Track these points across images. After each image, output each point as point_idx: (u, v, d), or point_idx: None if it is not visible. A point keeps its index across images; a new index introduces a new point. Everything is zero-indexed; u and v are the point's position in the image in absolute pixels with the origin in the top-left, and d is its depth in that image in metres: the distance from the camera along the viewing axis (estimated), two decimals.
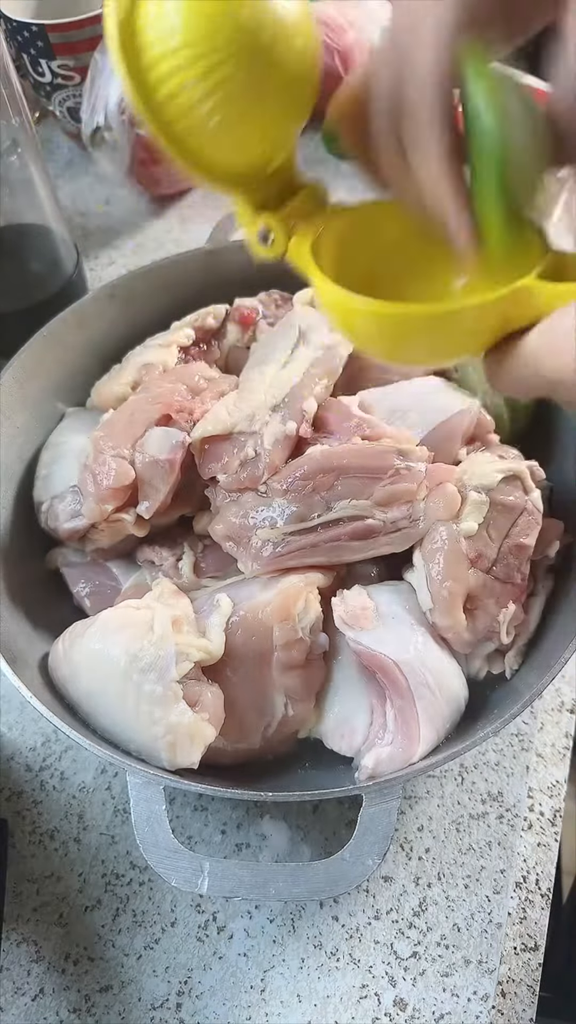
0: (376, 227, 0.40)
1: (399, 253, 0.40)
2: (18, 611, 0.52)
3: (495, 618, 0.48)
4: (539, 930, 0.49)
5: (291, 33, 0.34)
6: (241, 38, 0.33)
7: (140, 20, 0.33)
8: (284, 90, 0.35)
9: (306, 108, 0.38)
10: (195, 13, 0.32)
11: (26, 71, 0.83)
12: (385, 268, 0.39)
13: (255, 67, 0.33)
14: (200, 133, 0.35)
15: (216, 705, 0.45)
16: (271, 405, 0.52)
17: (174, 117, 0.34)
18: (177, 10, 0.32)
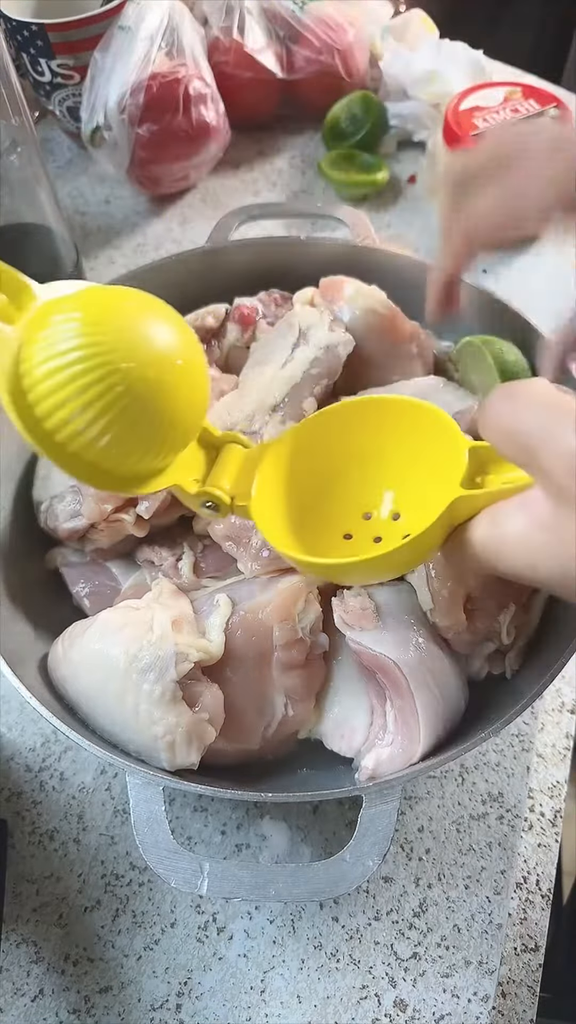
0: (306, 449, 0.45)
1: (326, 467, 0.45)
2: (18, 611, 0.52)
3: (495, 618, 0.48)
4: (539, 931, 0.49)
5: (179, 368, 0.36)
6: (127, 372, 0.34)
7: (26, 361, 0.34)
8: (172, 415, 0.37)
9: (196, 423, 0.40)
10: (84, 346, 0.33)
11: (26, 71, 0.83)
12: (319, 480, 0.45)
13: (139, 396, 0.34)
14: (92, 451, 0.36)
15: (216, 705, 0.45)
16: (271, 405, 0.52)
17: (65, 440, 0.36)
18: (67, 339, 0.34)
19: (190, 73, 0.81)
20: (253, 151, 0.96)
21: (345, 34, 0.89)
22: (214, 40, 0.89)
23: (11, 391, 0.34)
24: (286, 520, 0.43)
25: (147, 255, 0.86)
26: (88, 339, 0.33)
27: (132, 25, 0.79)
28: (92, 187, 0.93)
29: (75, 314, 0.34)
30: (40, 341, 0.34)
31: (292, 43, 0.90)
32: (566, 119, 0.78)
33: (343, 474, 0.45)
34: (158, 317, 0.37)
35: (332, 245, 0.65)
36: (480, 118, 0.79)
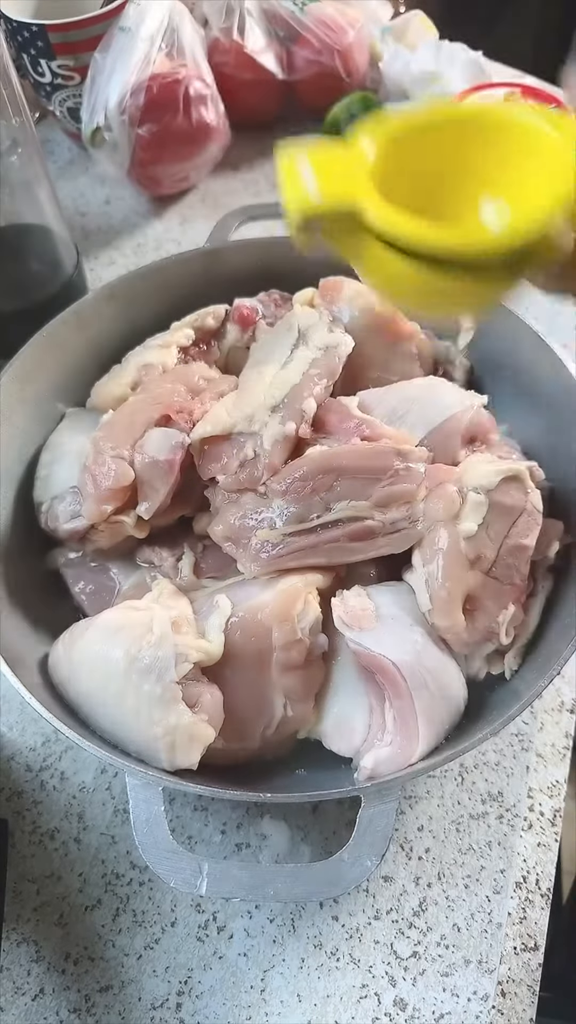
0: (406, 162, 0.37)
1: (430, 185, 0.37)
2: (18, 611, 0.52)
3: (494, 619, 0.48)
4: (539, 930, 0.49)
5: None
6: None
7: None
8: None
9: None
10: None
11: (26, 71, 0.84)
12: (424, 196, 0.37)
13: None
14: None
15: (215, 706, 0.45)
16: (270, 406, 0.52)
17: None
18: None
19: (190, 74, 0.81)
20: (253, 152, 0.96)
21: (345, 35, 0.89)
22: (214, 41, 0.89)
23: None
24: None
25: (147, 255, 0.86)
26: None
27: (132, 26, 0.79)
28: (92, 188, 0.93)
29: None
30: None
31: (292, 44, 0.90)
32: None
33: (451, 186, 0.38)
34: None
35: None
36: None
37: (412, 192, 0.36)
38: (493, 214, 0.36)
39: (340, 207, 0.34)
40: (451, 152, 0.37)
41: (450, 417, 0.54)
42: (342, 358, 0.56)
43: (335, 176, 0.35)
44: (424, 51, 0.89)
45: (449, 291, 0.35)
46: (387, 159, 0.36)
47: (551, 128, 0.35)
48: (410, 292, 0.36)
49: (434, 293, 0.35)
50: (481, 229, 0.35)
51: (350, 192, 0.34)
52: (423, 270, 0.33)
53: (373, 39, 0.95)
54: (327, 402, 0.54)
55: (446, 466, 0.52)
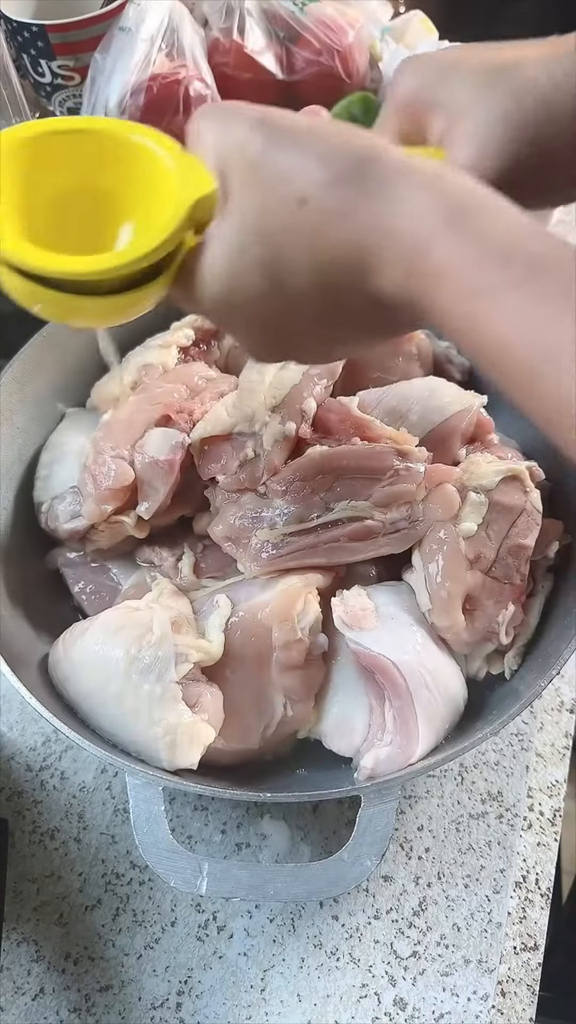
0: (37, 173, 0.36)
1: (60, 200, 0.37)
2: (18, 611, 0.52)
3: (494, 619, 0.48)
4: (539, 930, 0.49)
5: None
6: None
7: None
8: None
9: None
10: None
11: (26, 71, 0.83)
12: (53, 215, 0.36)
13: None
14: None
15: (215, 706, 0.45)
16: (271, 406, 0.52)
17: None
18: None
19: (190, 74, 0.81)
20: None
21: (345, 35, 0.89)
22: (214, 41, 0.89)
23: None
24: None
25: None
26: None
27: (132, 26, 0.79)
28: None
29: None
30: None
31: (292, 44, 0.90)
32: None
33: (78, 210, 0.38)
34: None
35: None
36: None
37: (44, 207, 0.36)
38: (124, 234, 0.37)
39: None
40: (84, 167, 0.37)
41: (450, 417, 0.54)
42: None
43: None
44: (424, 51, 0.89)
45: (79, 308, 0.35)
46: (25, 160, 0.36)
47: (165, 154, 0.37)
48: (38, 306, 0.36)
49: (61, 308, 0.35)
50: (105, 254, 0.35)
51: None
52: (38, 288, 0.34)
53: (373, 39, 0.95)
54: (327, 402, 0.54)
55: (446, 466, 0.52)
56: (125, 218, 0.37)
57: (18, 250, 0.33)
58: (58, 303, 0.34)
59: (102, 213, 0.37)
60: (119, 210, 0.37)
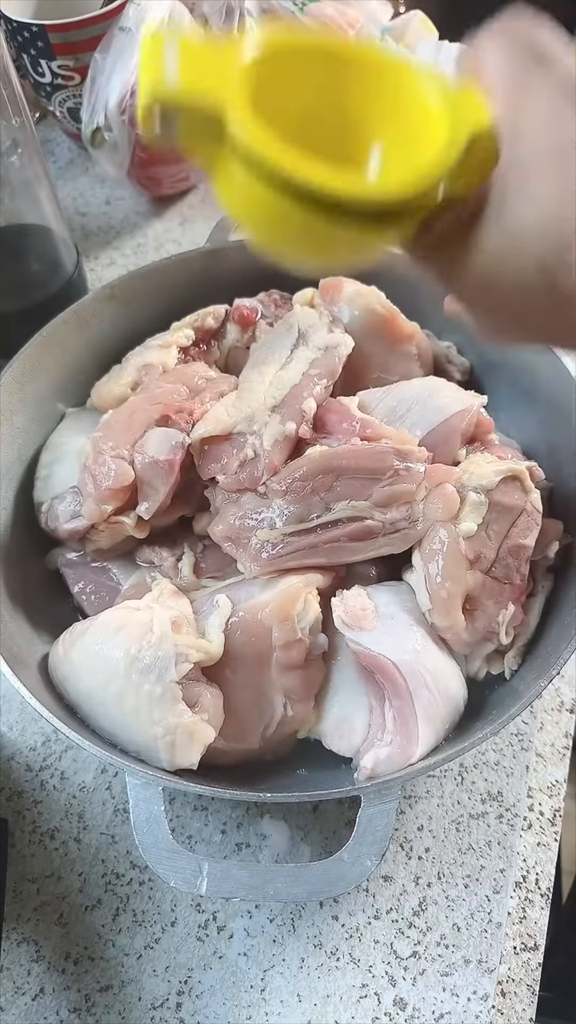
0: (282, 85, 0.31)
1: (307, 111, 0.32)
2: (18, 611, 0.52)
3: (494, 619, 0.48)
4: (539, 930, 0.49)
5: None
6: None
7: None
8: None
9: None
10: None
11: (26, 71, 0.83)
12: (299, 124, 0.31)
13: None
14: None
15: (215, 706, 0.45)
16: (270, 406, 0.52)
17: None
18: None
19: None
20: None
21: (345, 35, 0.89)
22: None
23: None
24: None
25: (147, 256, 0.86)
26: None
27: (133, 26, 0.79)
28: (92, 188, 0.93)
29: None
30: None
31: None
32: None
33: (327, 124, 0.33)
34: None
35: None
36: None
37: (287, 120, 0.30)
38: (372, 162, 0.33)
39: (200, 102, 0.29)
40: (335, 86, 0.33)
41: (450, 417, 0.54)
42: (342, 358, 0.56)
43: (203, 67, 0.29)
44: (424, 51, 0.89)
45: (306, 232, 0.30)
46: (267, 70, 0.31)
47: (443, 96, 0.31)
48: (264, 223, 0.31)
49: (291, 231, 0.30)
50: (354, 176, 0.31)
51: (215, 88, 0.29)
52: (281, 202, 0.29)
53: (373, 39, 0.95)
54: (327, 402, 0.54)
55: (446, 466, 0.52)
56: (374, 142, 0.33)
57: (285, 156, 0.28)
58: (306, 228, 0.30)
59: (349, 135, 0.33)
60: (367, 133, 0.33)
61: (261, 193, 0.29)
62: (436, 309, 0.64)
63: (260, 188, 0.29)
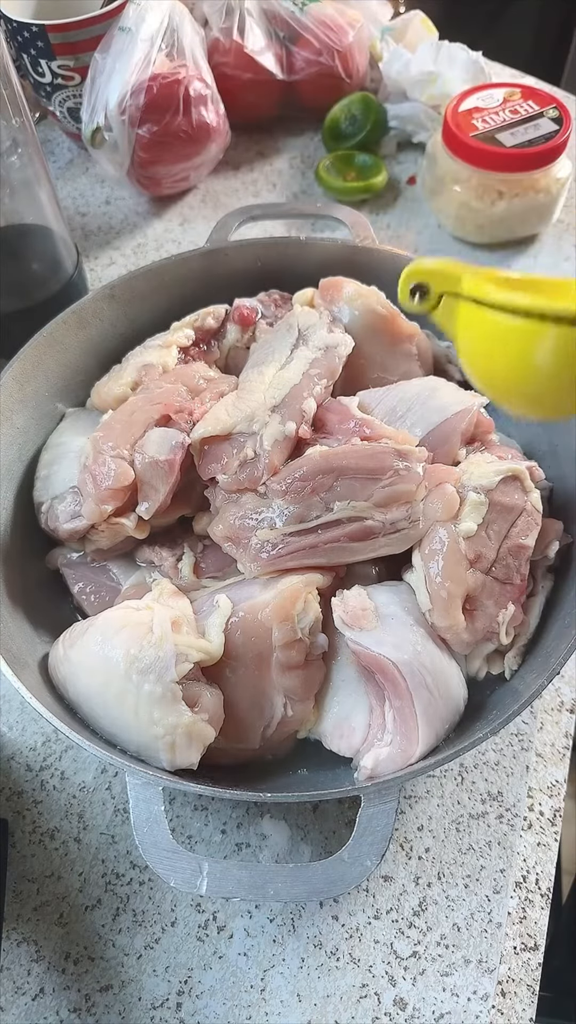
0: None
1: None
2: (18, 611, 0.52)
3: (494, 619, 0.48)
4: (539, 930, 0.49)
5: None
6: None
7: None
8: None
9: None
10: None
11: (26, 71, 0.84)
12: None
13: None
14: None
15: (215, 706, 0.45)
16: (270, 406, 0.52)
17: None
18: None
19: (190, 74, 0.81)
20: (253, 152, 0.96)
21: (345, 35, 0.89)
22: (214, 41, 0.89)
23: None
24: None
25: (147, 255, 0.86)
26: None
27: (132, 26, 0.79)
28: (92, 188, 0.93)
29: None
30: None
31: (292, 44, 0.90)
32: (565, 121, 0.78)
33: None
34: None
35: (332, 245, 0.66)
36: (479, 119, 0.79)
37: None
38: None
39: (444, 271, 0.42)
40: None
41: (450, 417, 0.54)
42: (342, 358, 0.56)
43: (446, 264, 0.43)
44: (424, 51, 0.89)
45: (542, 363, 0.38)
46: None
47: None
48: (502, 359, 0.40)
49: (527, 365, 0.39)
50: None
51: (454, 268, 0.42)
52: (514, 322, 0.38)
53: (373, 39, 0.95)
54: (327, 402, 0.54)
55: (445, 466, 0.52)
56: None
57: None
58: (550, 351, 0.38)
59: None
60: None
61: (503, 324, 0.38)
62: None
63: (499, 319, 0.38)
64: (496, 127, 0.78)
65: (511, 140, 0.77)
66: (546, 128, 0.78)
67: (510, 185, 0.78)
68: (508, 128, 0.78)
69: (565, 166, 0.79)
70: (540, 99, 0.81)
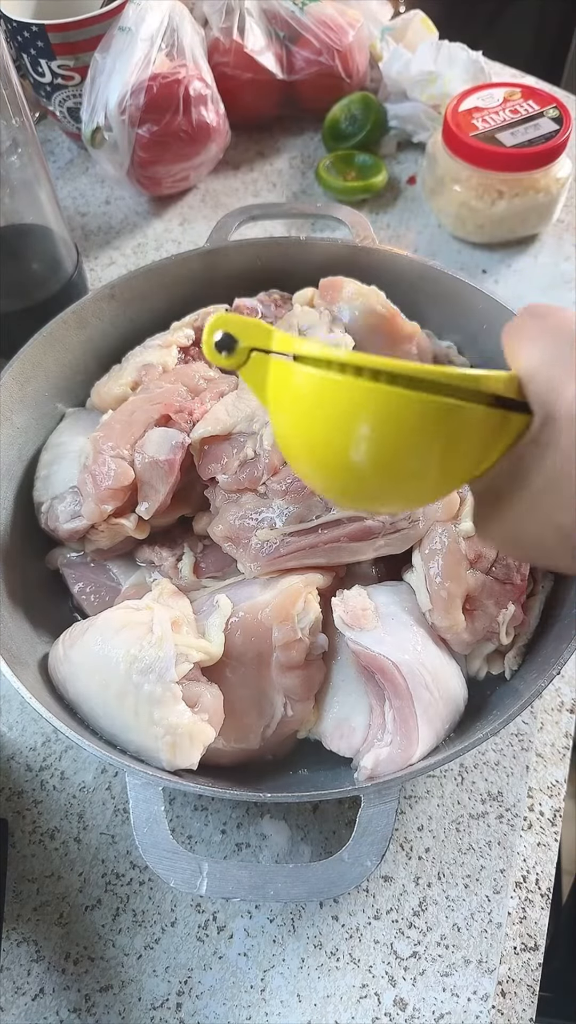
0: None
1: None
2: (18, 611, 0.52)
3: (494, 619, 0.48)
4: (539, 930, 0.49)
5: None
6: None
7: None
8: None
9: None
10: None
11: (26, 71, 0.84)
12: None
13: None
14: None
15: (215, 706, 0.45)
16: None
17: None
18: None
19: (190, 74, 0.81)
20: (253, 152, 0.96)
21: (345, 35, 0.89)
22: (214, 41, 0.89)
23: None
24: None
25: (147, 255, 0.86)
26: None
27: (132, 26, 0.79)
28: (92, 188, 0.93)
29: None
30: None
31: (292, 44, 0.90)
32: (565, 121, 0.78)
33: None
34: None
35: (332, 245, 0.65)
36: (479, 119, 0.79)
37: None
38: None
39: (253, 324, 0.33)
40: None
41: None
42: None
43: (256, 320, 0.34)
44: (424, 51, 0.89)
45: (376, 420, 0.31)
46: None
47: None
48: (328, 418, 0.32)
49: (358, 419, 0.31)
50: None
51: (264, 325, 0.33)
52: (333, 377, 0.31)
53: (373, 39, 0.95)
54: None
55: None
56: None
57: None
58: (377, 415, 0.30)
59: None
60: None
61: (327, 384, 0.30)
62: (436, 309, 0.64)
63: (323, 379, 0.30)
64: (496, 127, 0.78)
65: (511, 140, 0.77)
66: (546, 128, 0.78)
67: (510, 185, 0.78)
68: (508, 128, 0.78)
69: (565, 166, 0.79)
70: (540, 99, 0.81)
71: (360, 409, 0.30)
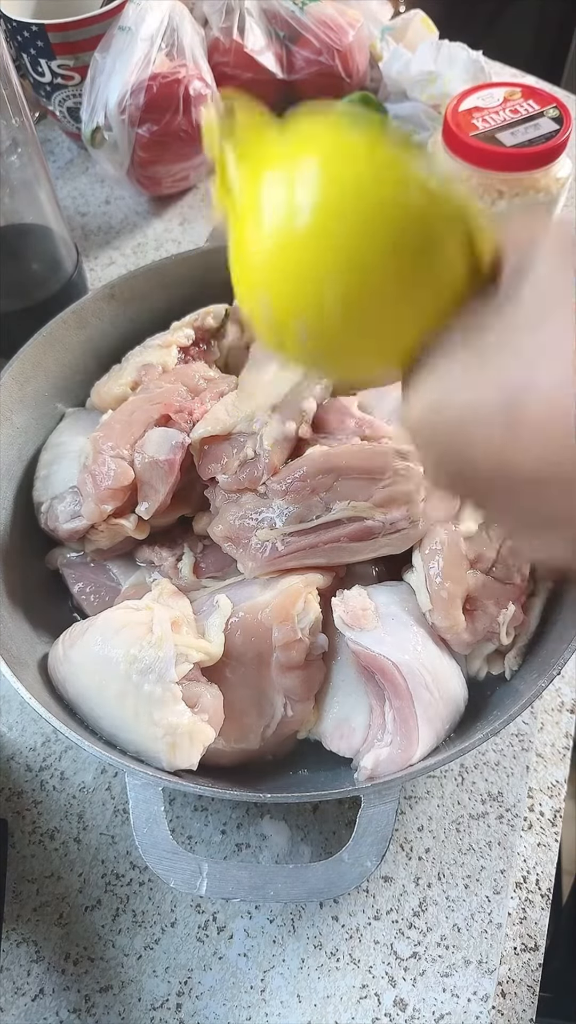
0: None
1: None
2: (18, 611, 0.52)
3: (495, 619, 0.48)
4: (539, 930, 0.49)
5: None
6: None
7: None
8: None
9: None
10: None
11: (26, 71, 0.84)
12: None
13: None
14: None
15: (215, 706, 0.45)
16: (270, 405, 0.52)
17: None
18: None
19: (190, 74, 0.81)
20: None
21: (345, 35, 0.89)
22: (214, 41, 0.89)
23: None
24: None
25: (147, 255, 0.86)
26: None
27: (132, 26, 0.79)
28: (92, 187, 0.93)
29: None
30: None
31: (292, 44, 0.90)
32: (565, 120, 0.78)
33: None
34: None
35: None
36: (479, 119, 0.79)
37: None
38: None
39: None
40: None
41: None
42: None
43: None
44: (424, 51, 0.89)
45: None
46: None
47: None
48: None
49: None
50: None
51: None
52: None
53: (373, 39, 0.95)
54: (327, 402, 0.54)
55: None
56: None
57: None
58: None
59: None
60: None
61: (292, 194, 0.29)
62: None
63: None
64: (496, 127, 0.78)
65: (511, 140, 0.77)
66: (546, 128, 0.77)
67: (510, 185, 0.78)
68: (508, 128, 0.78)
69: (565, 166, 0.79)
70: (540, 99, 0.80)
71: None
